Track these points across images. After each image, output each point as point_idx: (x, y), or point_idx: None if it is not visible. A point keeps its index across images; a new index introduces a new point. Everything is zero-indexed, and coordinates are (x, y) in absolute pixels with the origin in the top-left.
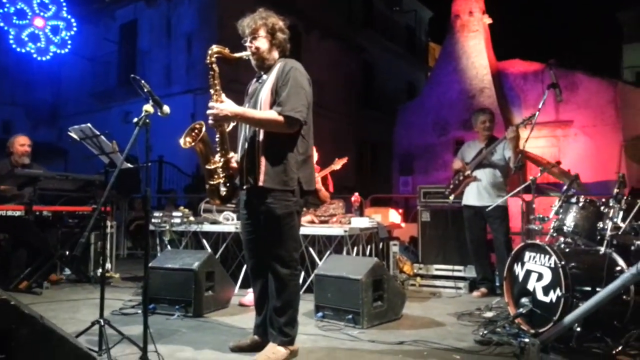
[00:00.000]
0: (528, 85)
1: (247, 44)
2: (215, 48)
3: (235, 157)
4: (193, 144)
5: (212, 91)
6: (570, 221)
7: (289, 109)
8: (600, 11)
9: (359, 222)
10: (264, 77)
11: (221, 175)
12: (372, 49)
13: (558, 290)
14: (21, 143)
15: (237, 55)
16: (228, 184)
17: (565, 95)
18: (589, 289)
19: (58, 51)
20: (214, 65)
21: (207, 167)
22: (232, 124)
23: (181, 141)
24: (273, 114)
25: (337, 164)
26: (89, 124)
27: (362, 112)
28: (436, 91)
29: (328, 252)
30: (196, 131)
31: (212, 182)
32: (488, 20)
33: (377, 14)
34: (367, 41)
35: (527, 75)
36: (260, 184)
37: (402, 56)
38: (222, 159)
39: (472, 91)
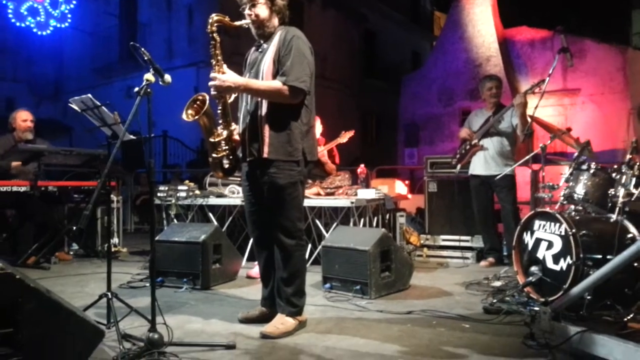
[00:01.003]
0: (535, 53)
1: (247, 11)
2: (215, 17)
3: (237, 130)
4: (196, 117)
5: (213, 61)
6: (580, 189)
7: (293, 78)
8: None
9: (366, 194)
10: (264, 45)
11: (224, 148)
12: (375, 18)
13: (568, 259)
14: (23, 118)
15: (237, 23)
16: (231, 157)
17: (573, 62)
18: (599, 256)
19: (58, 25)
20: (214, 35)
21: (211, 139)
22: (234, 95)
23: (183, 114)
24: (277, 84)
25: (344, 137)
26: (89, 95)
27: (366, 83)
28: (442, 60)
29: (335, 224)
30: (199, 103)
31: (215, 155)
32: None
33: None
34: (370, 10)
35: (534, 43)
36: (265, 155)
37: (406, 25)
38: (225, 132)
39: (478, 60)
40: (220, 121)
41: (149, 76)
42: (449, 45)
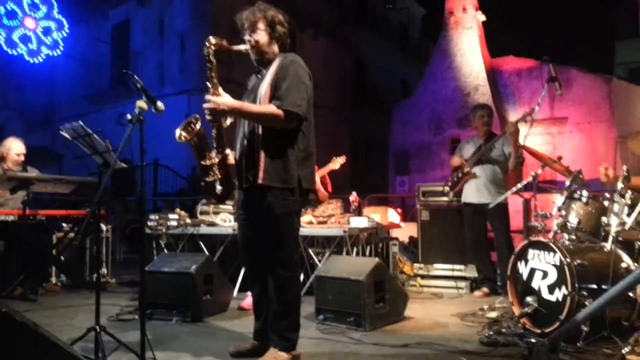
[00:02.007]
0: (522, 82)
1: (247, 37)
2: (212, 39)
3: (232, 155)
4: (188, 137)
5: (209, 84)
6: (573, 217)
7: (288, 103)
8: (593, 8)
9: (358, 222)
10: (264, 71)
11: (217, 173)
12: (365, 47)
13: (564, 289)
14: (17, 152)
15: (235, 48)
16: (224, 182)
17: (562, 91)
18: (595, 286)
19: (50, 53)
20: (211, 57)
21: (203, 163)
22: (229, 120)
23: (176, 134)
24: (272, 108)
25: (336, 163)
26: (80, 122)
27: (357, 110)
28: (431, 89)
29: (328, 253)
30: (192, 125)
31: (207, 180)
32: (482, 17)
33: (370, 11)
34: (360, 39)
35: (521, 72)
36: (260, 181)
37: (395, 54)
38: (218, 156)
39: (466, 88)
40: (215, 145)
41: (142, 103)
42: (438, 74)
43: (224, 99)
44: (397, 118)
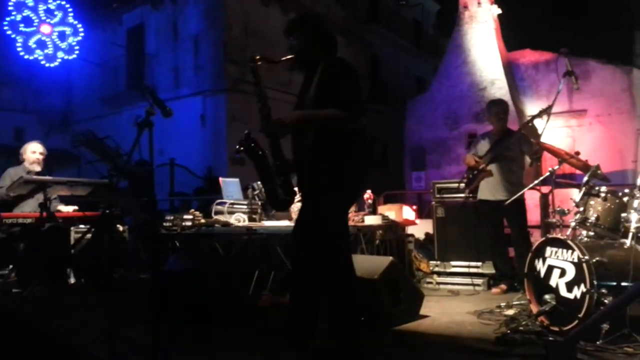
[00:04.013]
0: (540, 75)
1: (290, 41)
2: (257, 56)
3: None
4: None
5: (259, 101)
6: (592, 213)
7: (343, 105)
8: None
9: (373, 220)
10: (309, 76)
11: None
12: (379, 44)
13: (582, 286)
14: (32, 150)
15: (282, 59)
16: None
17: (579, 84)
18: (614, 284)
19: (66, 57)
20: (256, 72)
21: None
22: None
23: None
24: (331, 111)
25: None
26: (89, 129)
27: (371, 108)
28: (446, 84)
29: None
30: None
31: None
32: (497, 10)
33: (383, 8)
34: (373, 36)
35: (539, 65)
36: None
37: (409, 50)
38: (277, 163)
39: (482, 83)
40: (271, 154)
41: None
42: (453, 69)
43: (289, 115)
44: (412, 114)
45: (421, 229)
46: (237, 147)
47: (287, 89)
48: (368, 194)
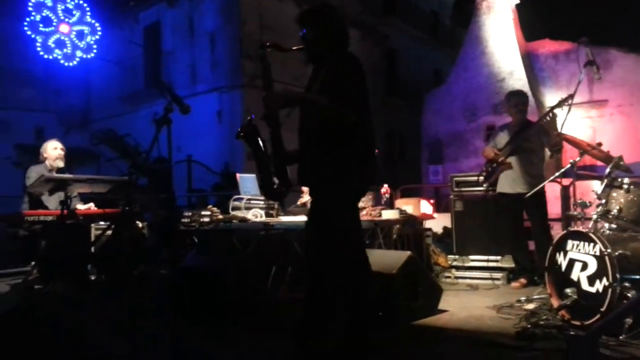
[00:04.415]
0: (559, 66)
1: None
2: (267, 42)
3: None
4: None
5: (264, 83)
6: (614, 206)
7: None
8: None
9: (390, 214)
10: (318, 68)
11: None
12: (395, 37)
13: (604, 280)
14: (54, 147)
15: (292, 48)
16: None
17: (600, 74)
18: (637, 277)
19: (84, 56)
20: (265, 58)
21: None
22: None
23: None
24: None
25: None
26: (109, 127)
27: (388, 101)
28: (463, 76)
29: None
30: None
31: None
32: (515, 0)
33: (399, 0)
34: (389, 29)
35: (558, 55)
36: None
37: (426, 42)
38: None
39: (501, 74)
40: (271, 144)
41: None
42: (470, 61)
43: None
44: (429, 107)
45: (439, 223)
46: (238, 131)
47: (301, 83)
48: (385, 188)
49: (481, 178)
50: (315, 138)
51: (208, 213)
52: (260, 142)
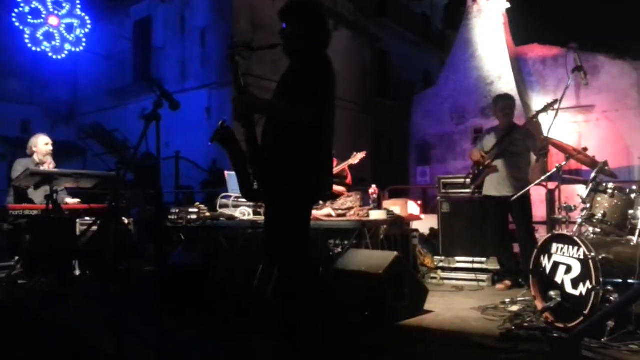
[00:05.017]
0: (547, 70)
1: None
2: (236, 42)
3: None
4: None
5: (235, 86)
6: (599, 210)
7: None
8: None
9: (377, 215)
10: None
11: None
12: (386, 38)
13: (588, 283)
14: (45, 142)
15: (263, 46)
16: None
17: (588, 80)
18: (620, 281)
19: (73, 49)
20: (235, 58)
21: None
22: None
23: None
24: (287, 106)
25: (356, 158)
26: (97, 122)
27: (379, 103)
28: (453, 79)
29: (344, 246)
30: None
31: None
32: (505, 4)
33: (391, 2)
34: (381, 30)
35: (547, 60)
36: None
37: (417, 44)
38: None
39: (490, 78)
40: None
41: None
42: (460, 64)
43: (246, 98)
44: (418, 109)
45: (426, 224)
46: (213, 136)
47: None
48: (373, 188)
49: (468, 180)
50: (270, 141)
51: (195, 210)
52: (236, 144)
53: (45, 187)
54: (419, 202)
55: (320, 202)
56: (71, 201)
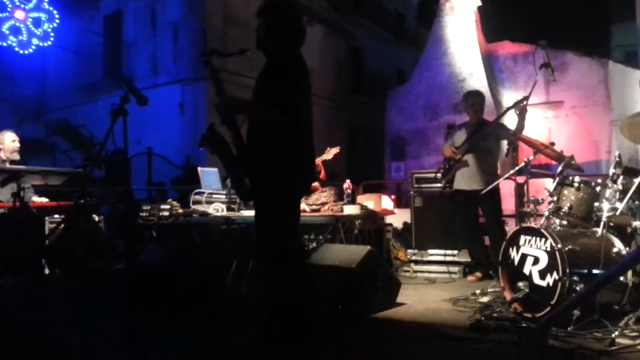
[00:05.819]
0: (518, 67)
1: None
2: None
3: None
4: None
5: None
6: (565, 203)
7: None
8: None
9: (351, 210)
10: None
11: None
12: (361, 35)
13: (555, 274)
14: (12, 139)
15: (233, 52)
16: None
17: (555, 76)
18: (586, 271)
19: (40, 44)
20: (211, 63)
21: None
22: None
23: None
24: (266, 108)
25: (329, 154)
26: (65, 118)
27: (353, 99)
28: (426, 75)
29: (318, 241)
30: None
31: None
32: (477, 2)
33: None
34: (355, 27)
35: (517, 57)
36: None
37: (391, 42)
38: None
39: (462, 74)
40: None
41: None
42: (433, 61)
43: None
44: (392, 105)
45: (399, 218)
46: (201, 141)
47: None
48: (347, 183)
49: (439, 175)
50: (250, 141)
51: (168, 207)
52: (225, 146)
53: (12, 184)
54: (393, 197)
55: None
56: (38, 200)
